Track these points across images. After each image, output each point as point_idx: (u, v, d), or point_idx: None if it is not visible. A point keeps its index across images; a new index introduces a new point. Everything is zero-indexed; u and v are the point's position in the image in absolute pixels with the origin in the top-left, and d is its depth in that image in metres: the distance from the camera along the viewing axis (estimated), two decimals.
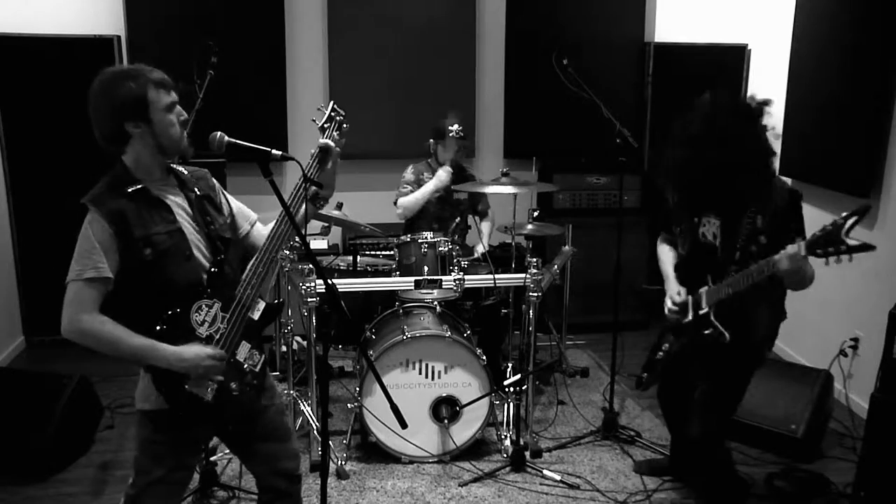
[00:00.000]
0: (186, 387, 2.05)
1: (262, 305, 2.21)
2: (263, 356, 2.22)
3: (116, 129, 2.02)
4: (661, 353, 2.92)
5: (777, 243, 2.48)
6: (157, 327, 2.02)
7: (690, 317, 2.76)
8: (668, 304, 2.81)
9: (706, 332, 2.68)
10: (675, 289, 2.82)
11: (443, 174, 4.08)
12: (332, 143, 2.22)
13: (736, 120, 2.56)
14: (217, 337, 2.11)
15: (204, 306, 2.09)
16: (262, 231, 2.37)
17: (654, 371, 2.97)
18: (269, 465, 2.31)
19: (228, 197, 2.36)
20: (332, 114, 2.34)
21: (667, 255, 2.97)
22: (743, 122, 2.57)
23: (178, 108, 2.09)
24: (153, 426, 2.12)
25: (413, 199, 4.12)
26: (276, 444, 2.31)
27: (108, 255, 1.98)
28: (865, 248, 2.20)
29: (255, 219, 2.39)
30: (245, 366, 2.17)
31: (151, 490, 2.12)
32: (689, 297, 2.77)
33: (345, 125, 2.35)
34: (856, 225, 2.20)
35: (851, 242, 2.20)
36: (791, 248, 2.34)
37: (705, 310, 2.69)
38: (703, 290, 2.71)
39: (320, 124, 2.33)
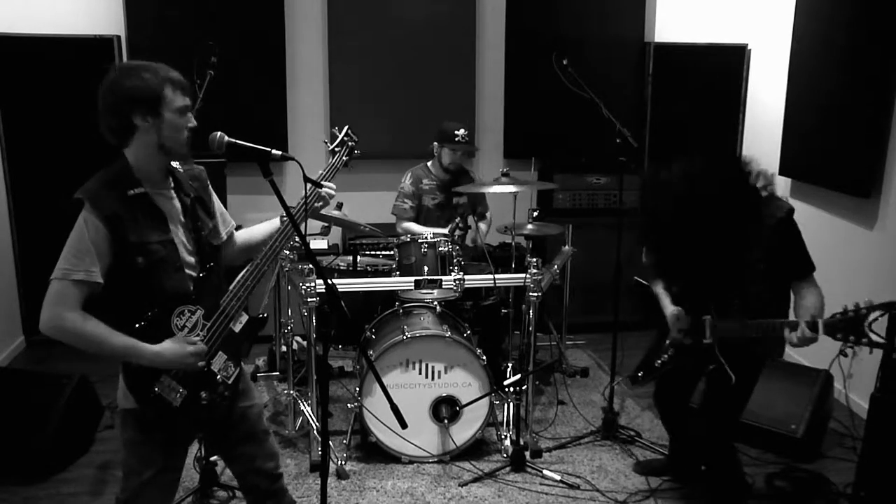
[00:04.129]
0: (156, 389, 2.05)
1: (244, 318, 2.21)
2: (239, 369, 2.21)
3: (124, 120, 2.00)
4: (659, 363, 2.90)
5: (777, 267, 2.48)
6: (137, 325, 2.01)
7: (691, 341, 2.72)
8: (674, 332, 2.76)
9: (711, 366, 2.64)
10: (673, 310, 2.77)
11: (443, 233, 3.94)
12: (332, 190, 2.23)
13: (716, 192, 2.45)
14: None
15: (186, 311, 2.08)
16: (237, 240, 2.38)
17: (650, 373, 2.95)
18: (249, 466, 2.33)
19: (215, 200, 2.35)
20: (346, 138, 2.33)
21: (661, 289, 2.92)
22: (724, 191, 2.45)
23: (190, 114, 2.07)
24: (137, 425, 2.11)
25: (416, 230, 4.12)
26: (253, 445, 2.32)
27: (101, 259, 1.96)
28: (886, 347, 2.19)
29: (232, 227, 2.39)
30: (218, 376, 2.15)
31: (142, 492, 2.11)
32: (690, 319, 2.72)
33: (356, 151, 2.35)
34: (879, 318, 2.16)
35: (873, 338, 2.17)
36: (806, 332, 2.34)
37: (709, 341, 2.64)
38: (707, 319, 2.66)
39: (331, 147, 2.32)
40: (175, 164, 2.18)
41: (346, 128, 2.36)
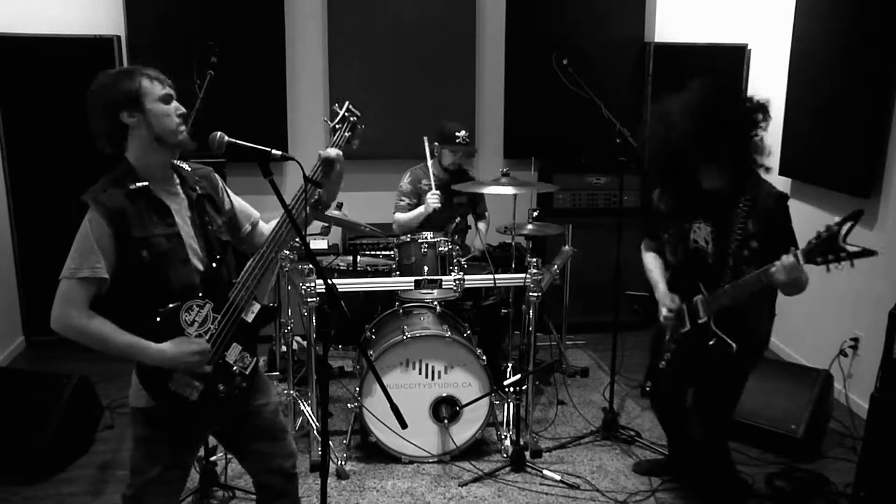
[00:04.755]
0: (170, 386, 2.05)
1: (256, 308, 2.20)
2: (255, 359, 2.20)
3: (113, 122, 2.03)
4: (663, 363, 2.90)
5: (768, 247, 2.48)
6: (157, 318, 2.03)
7: (688, 326, 2.75)
8: (664, 311, 2.78)
9: (710, 342, 2.66)
10: (666, 296, 2.80)
11: (431, 201, 4.04)
12: (334, 153, 2.16)
13: (715, 95, 2.61)
14: (206, 338, 2.10)
15: (195, 306, 2.09)
16: (263, 230, 2.36)
17: (657, 377, 2.96)
18: (264, 464, 2.31)
19: (231, 195, 2.35)
20: (347, 114, 2.27)
21: (653, 263, 2.95)
22: (722, 96, 2.61)
23: (175, 102, 2.09)
24: (147, 423, 2.12)
25: (407, 219, 4.16)
26: (270, 442, 2.30)
27: (106, 256, 1.99)
28: (866, 253, 2.18)
29: (256, 217, 2.39)
30: (234, 368, 2.15)
31: (148, 490, 2.11)
32: (684, 305, 2.75)
33: (359, 126, 2.28)
34: (851, 230, 2.18)
35: (851, 248, 2.18)
36: (786, 259, 2.32)
37: (704, 319, 2.67)
38: (699, 298, 2.69)
39: (332, 124, 2.27)
40: (183, 164, 2.19)
41: (346, 103, 2.30)
